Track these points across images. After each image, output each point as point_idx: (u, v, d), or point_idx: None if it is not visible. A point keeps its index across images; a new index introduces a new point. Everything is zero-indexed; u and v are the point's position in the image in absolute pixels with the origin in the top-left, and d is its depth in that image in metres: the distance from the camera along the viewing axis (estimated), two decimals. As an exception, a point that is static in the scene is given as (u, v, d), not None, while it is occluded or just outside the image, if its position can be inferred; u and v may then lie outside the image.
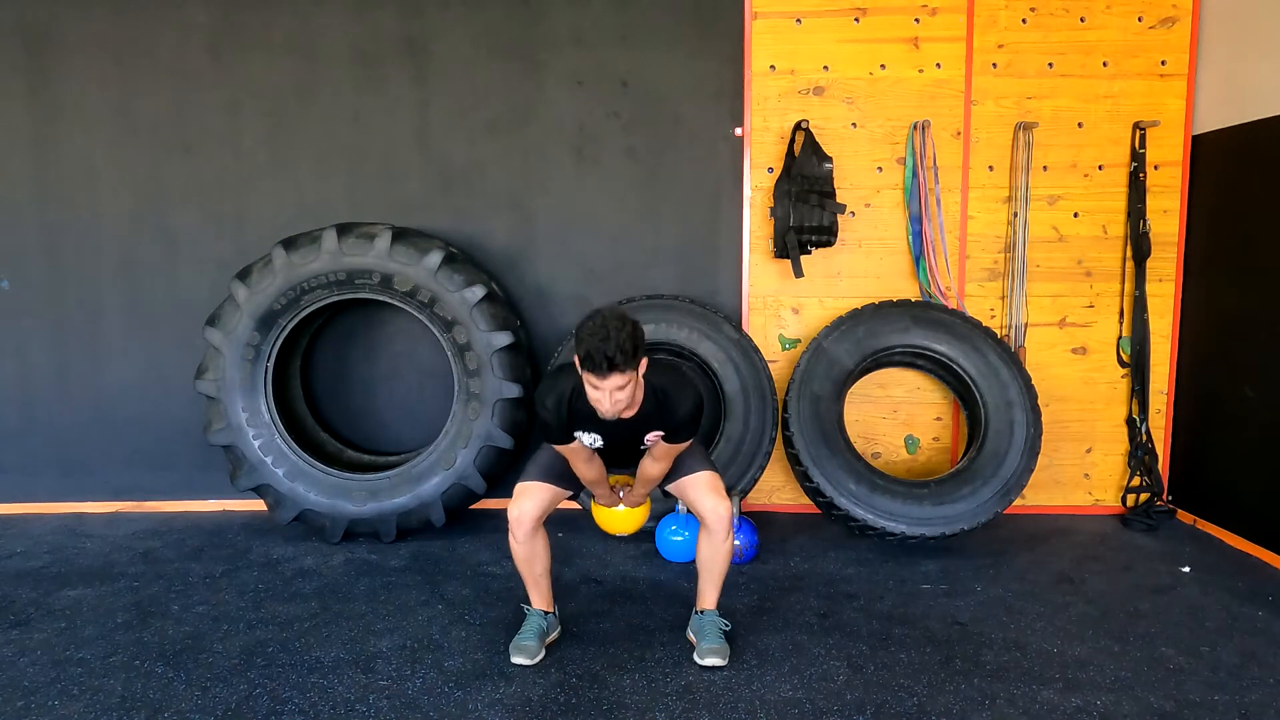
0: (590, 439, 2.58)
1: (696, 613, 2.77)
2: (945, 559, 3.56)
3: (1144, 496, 4.09)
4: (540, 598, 2.77)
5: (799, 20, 4.01)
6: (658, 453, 2.62)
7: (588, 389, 2.37)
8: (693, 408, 2.51)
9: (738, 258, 4.13)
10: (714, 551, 2.68)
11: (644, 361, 2.41)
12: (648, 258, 4.13)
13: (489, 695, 2.47)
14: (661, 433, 2.55)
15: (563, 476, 2.72)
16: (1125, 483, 4.12)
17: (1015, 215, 4.06)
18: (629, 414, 2.48)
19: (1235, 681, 2.57)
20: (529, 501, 2.65)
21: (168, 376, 4.13)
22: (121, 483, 4.23)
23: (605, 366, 2.27)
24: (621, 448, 2.63)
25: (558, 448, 2.64)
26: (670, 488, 2.75)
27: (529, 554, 2.70)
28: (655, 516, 3.53)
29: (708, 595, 2.75)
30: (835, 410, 3.78)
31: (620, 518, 2.94)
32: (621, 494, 2.88)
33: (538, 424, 2.69)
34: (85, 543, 3.77)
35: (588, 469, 2.67)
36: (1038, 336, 4.12)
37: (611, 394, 2.33)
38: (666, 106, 4.00)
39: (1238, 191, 3.76)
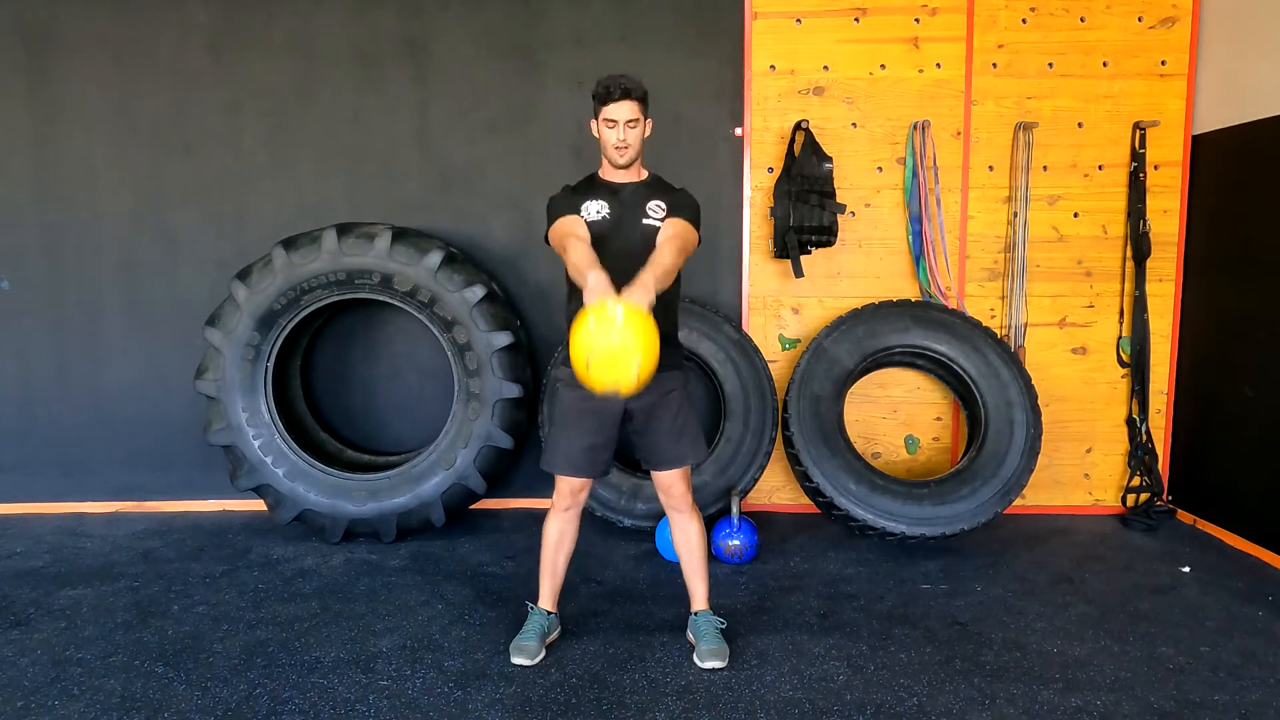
0: (597, 206, 2.62)
1: (691, 614, 2.78)
2: (945, 559, 3.56)
3: (1144, 496, 4.09)
4: (550, 594, 2.78)
5: (799, 20, 4.01)
6: (666, 227, 2.58)
7: (603, 130, 2.59)
8: (692, 197, 2.69)
9: (738, 258, 4.13)
10: (685, 536, 2.74)
11: (650, 122, 2.63)
12: (648, 258, 4.13)
13: (489, 695, 2.47)
14: (664, 203, 2.64)
15: (589, 461, 2.69)
16: (1125, 483, 4.12)
17: (1015, 215, 4.06)
18: (635, 177, 2.68)
19: (1235, 681, 2.57)
20: (577, 480, 2.70)
21: (168, 376, 4.13)
22: (121, 483, 4.23)
23: (619, 91, 2.53)
24: (625, 221, 2.61)
25: (559, 221, 2.61)
26: (654, 474, 2.73)
27: (561, 535, 2.74)
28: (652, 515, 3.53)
29: (697, 592, 2.77)
30: (835, 410, 3.78)
31: (615, 351, 2.18)
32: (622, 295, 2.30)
33: (549, 204, 2.68)
34: (85, 543, 3.77)
35: (581, 249, 2.47)
36: (1038, 336, 4.12)
37: (624, 126, 2.55)
38: (666, 106, 3.99)
39: (1238, 191, 3.76)
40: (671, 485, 2.70)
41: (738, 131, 4.08)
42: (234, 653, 2.73)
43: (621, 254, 2.55)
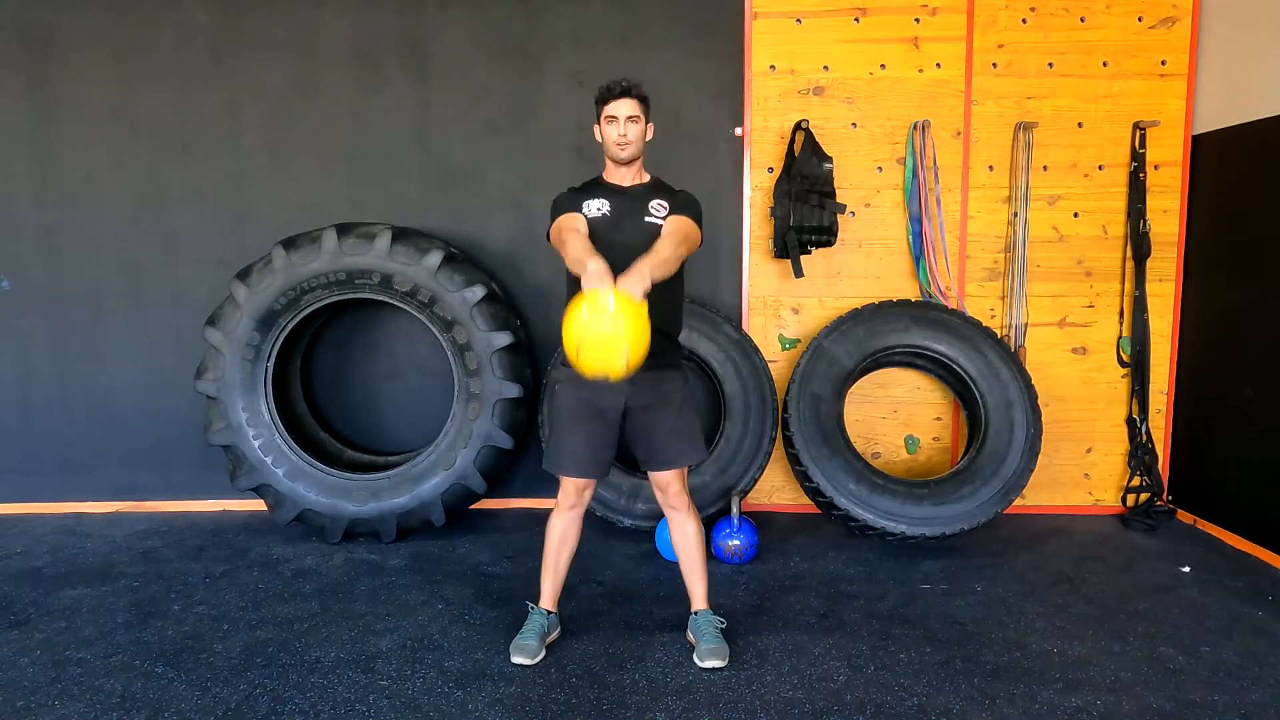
0: (598, 204, 2.67)
1: (692, 614, 2.78)
2: (945, 559, 3.56)
3: (1144, 496, 4.09)
4: (551, 594, 2.79)
5: (799, 20, 4.01)
6: (669, 223, 2.61)
7: (605, 128, 2.63)
8: (694, 197, 2.72)
9: (738, 258, 4.13)
10: (683, 536, 2.74)
11: (651, 126, 2.69)
12: (648, 258, 4.13)
13: (489, 695, 2.47)
14: (666, 203, 2.67)
15: (592, 461, 2.69)
16: (1125, 483, 4.12)
17: (1015, 215, 4.06)
18: (638, 179, 2.72)
19: (1235, 681, 2.57)
20: (581, 480, 2.71)
21: (168, 376, 4.13)
22: (121, 483, 4.23)
23: (619, 89, 2.60)
24: (627, 219, 2.64)
25: (560, 219, 2.65)
26: (650, 473, 2.73)
27: (564, 534, 2.75)
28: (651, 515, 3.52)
29: (696, 592, 2.77)
30: (835, 410, 3.78)
31: (605, 338, 2.19)
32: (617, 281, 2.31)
33: (553, 205, 2.72)
34: (85, 543, 3.77)
35: (579, 240, 2.50)
36: (1038, 336, 4.12)
37: (625, 121, 2.60)
38: (666, 107, 3.99)
39: (1238, 191, 3.76)
40: (668, 485, 2.70)
41: (738, 131, 4.08)
42: (234, 653, 2.73)
43: (622, 251, 2.55)
